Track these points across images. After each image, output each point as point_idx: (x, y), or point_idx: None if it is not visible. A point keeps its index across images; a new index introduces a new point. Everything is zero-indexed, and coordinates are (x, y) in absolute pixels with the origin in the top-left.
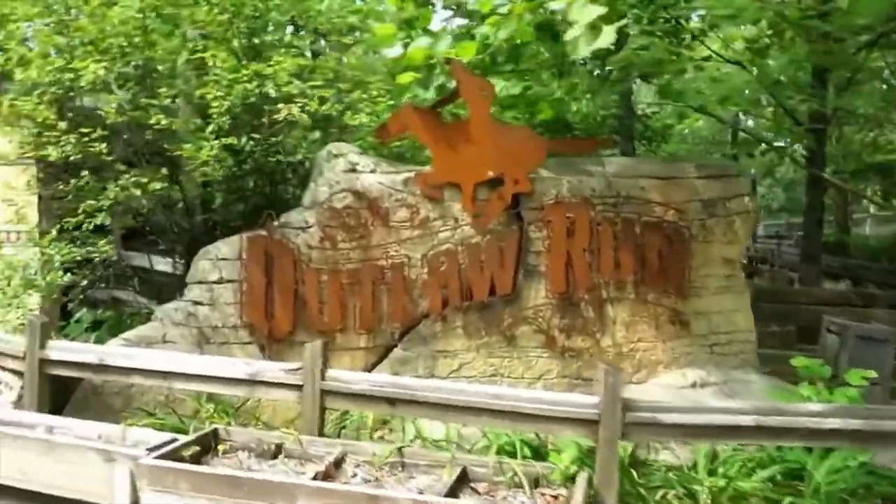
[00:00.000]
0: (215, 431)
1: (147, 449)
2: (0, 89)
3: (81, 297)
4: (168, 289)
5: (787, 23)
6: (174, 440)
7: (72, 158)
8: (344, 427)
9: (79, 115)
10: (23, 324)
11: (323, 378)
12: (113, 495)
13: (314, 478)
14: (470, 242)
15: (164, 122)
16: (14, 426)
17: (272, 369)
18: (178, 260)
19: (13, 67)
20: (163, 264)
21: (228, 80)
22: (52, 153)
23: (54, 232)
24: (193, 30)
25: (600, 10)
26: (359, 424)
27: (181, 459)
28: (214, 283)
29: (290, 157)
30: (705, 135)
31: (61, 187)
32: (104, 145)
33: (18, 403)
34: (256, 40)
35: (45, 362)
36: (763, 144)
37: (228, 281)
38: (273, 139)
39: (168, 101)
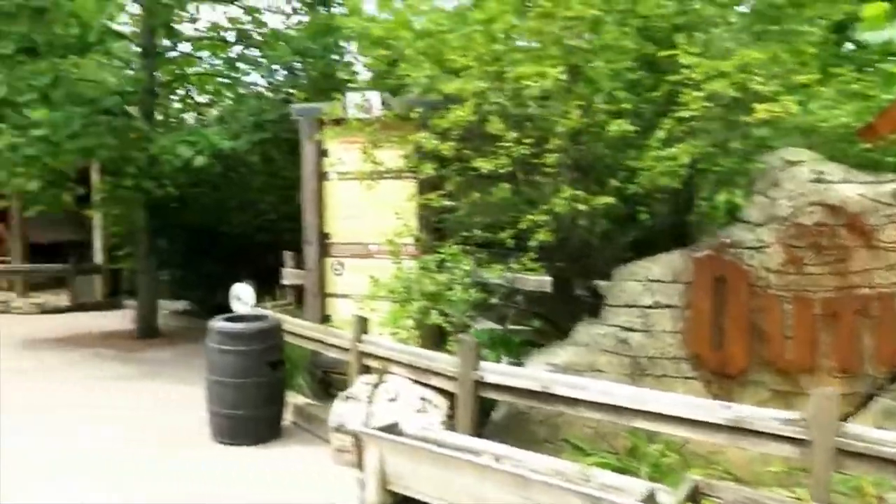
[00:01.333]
0: (696, 485)
1: (640, 502)
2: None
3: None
4: (542, 304)
5: None
6: (652, 493)
7: (501, 171)
8: None
9: (522, 124)
10: (402, 337)
11: (838, 434)
12: None
13: None
14: None
15: (625, 127)
16: (456, 450)
17: (761, 416)
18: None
19: (432, 79)
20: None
21: (697, 79)
22: (485, 165)
23: (455, 247)
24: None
25: None
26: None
27: None
28: (647, 307)
29: (747, 163)
30: None
31: (480, 197)
32: (554, 156)
33: (449, 424)
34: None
35: (477, 384)
36: None
37: (666, 306)
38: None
39: (627, 105)
